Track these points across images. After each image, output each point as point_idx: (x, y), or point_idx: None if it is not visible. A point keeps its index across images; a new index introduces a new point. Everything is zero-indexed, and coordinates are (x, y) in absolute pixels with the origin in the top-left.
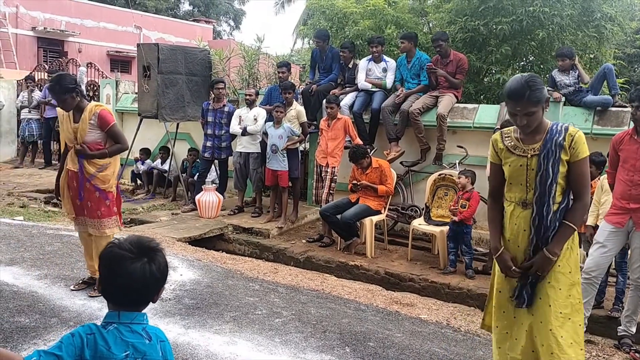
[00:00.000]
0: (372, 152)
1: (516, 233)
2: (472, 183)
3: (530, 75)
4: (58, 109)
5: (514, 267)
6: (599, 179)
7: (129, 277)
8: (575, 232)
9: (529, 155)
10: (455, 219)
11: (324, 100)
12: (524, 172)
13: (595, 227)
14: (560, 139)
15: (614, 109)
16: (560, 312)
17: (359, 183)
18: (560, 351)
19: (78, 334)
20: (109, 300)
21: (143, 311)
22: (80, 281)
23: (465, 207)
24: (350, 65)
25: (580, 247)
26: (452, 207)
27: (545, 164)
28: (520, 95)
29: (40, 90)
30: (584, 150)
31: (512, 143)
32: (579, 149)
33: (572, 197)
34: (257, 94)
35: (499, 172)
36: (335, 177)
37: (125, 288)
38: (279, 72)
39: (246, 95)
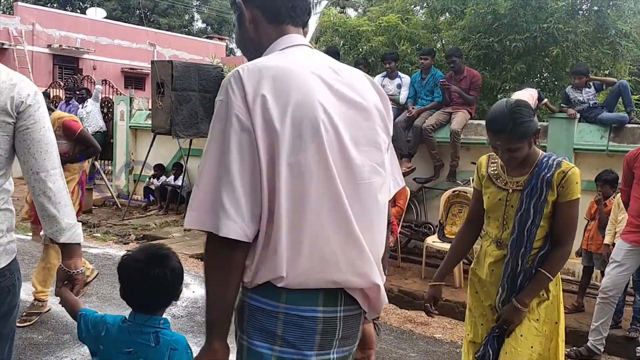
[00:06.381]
0: None
1: (487, 274)
2: None
3: (517, 103)
4: None
5: (431, 307)
6: (614, 196)
7: (141, 286)
8: (559, 280)
9: (510, 190)
10: None
11: None
12: (502, 207)
13: (612, 246)
14: (548, 175)
15: (629, 125)
16: None
17: None
18: None
19: (105, 321)
20: (128, 304)
21: (163, 315)
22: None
23: None
24: None
25: (595, 267)
26: None
27: (527, 202)
28: (501, 130)
29: (55, 107)
30: (574, 191)
31: (496, 171)
32: (569, 189)
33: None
34: None
35: (479, 200)
36: None
37: (137, 296)
38: None
39: None
